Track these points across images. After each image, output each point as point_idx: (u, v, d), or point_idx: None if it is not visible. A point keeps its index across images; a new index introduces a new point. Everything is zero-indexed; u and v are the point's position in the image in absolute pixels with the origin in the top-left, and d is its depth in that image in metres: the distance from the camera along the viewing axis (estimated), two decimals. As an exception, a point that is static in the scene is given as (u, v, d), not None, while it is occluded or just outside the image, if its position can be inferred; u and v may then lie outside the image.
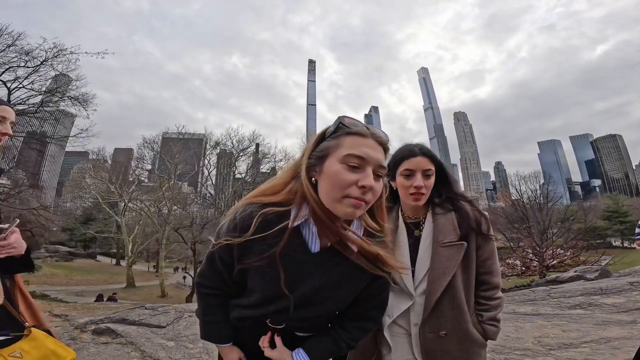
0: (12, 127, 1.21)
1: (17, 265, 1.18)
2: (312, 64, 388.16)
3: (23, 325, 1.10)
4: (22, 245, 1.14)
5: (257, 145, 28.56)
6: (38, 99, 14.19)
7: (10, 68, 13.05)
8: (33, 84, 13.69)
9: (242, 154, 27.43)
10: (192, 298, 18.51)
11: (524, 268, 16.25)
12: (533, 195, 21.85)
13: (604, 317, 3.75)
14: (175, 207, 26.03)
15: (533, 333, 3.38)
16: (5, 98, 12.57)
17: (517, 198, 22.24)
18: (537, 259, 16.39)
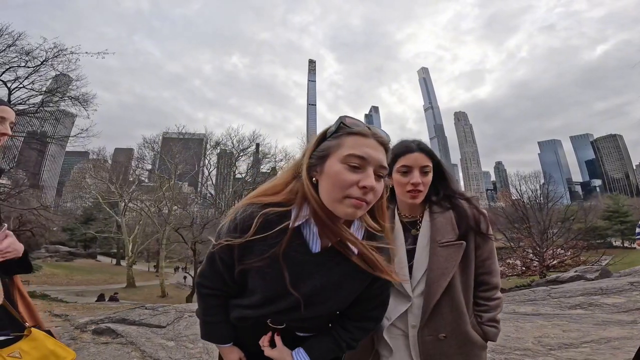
0: (12, 127, 1.21)
1: (14, 267, 1.17)
2: (312, 64, 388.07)
3: (23, 326, 1.10)
4: (18, 249, 1.13)
5: (257, 145, 28.65)
6: (38, 99, 14.22)
7: (11, 68, 13.07)
8: (33, 84, 13.73)
9: (242, 154, 27.54)
10: (192, 298, 18.50)
11: (524, 268, 16.21)
12: (533, 195, 21.88)
13: (605, 317, 3.74)
14: (176, 207, 26.04)
15: (533, 333, 3.37)
16: (6, 98, 12.57)
17: (517, 198, 22.25)
18: (537, 259, 16.36)
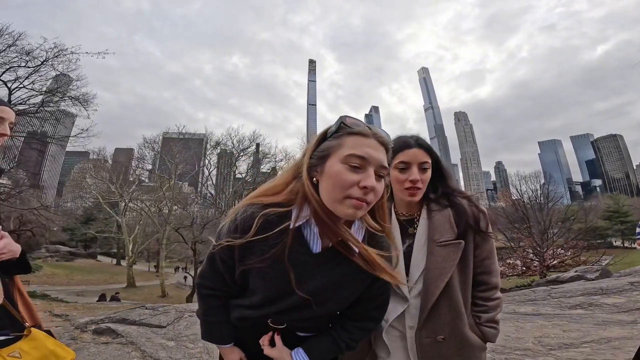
0: (11, 127, 1.20)
1: (12, 268, 1.16)
2: (312, 64, 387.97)
3: (23, 326, 1.10)
4: (13, 250, 1.12)
5: (257, 145, 28.66)
6: (39, 99, 14.21)
7: (11, 68, 13.07)
8: (34, 84, 13.72)
9: (242, 154, 27.53)
10: (192, 298, 18.51)
11: (525, 268, 16.18)
12: (533, 195, 21.84)
13: (605, 317, 3.74)
14: (176, 207, 26.03)
15: (533, 333, 3.37)
16: (6, 98, 12.58)
17: (517, 198, 22.19)
18: (537, 259, 16.35)
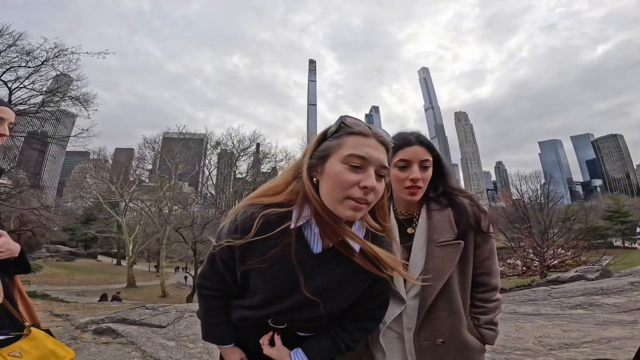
0: (11, 128, 1.20)
1: (12, 267, 1.16)
2: (312, 64, 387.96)
3: (23, 325, 1.10)
4: (12, 249, 1.12)
5: (257, 145, 28.66)
6: (39, 99, 14.23)
7: (11, 68, 13.09)
8: (34, 84, 13.75)
9: (242, 154, 27.51)
10: (192, 298, 18.51)
11: (525, 268, 16.19)
12: (534, 195, 21.86)
13: (605, 317, 3.73)
14: (176, 207, 26.02)
15: (534, 333, 3.37)
16: (6, 98, 12.59)
17: (517, 198, 22.22)
18: (538, 259, 16.35)
